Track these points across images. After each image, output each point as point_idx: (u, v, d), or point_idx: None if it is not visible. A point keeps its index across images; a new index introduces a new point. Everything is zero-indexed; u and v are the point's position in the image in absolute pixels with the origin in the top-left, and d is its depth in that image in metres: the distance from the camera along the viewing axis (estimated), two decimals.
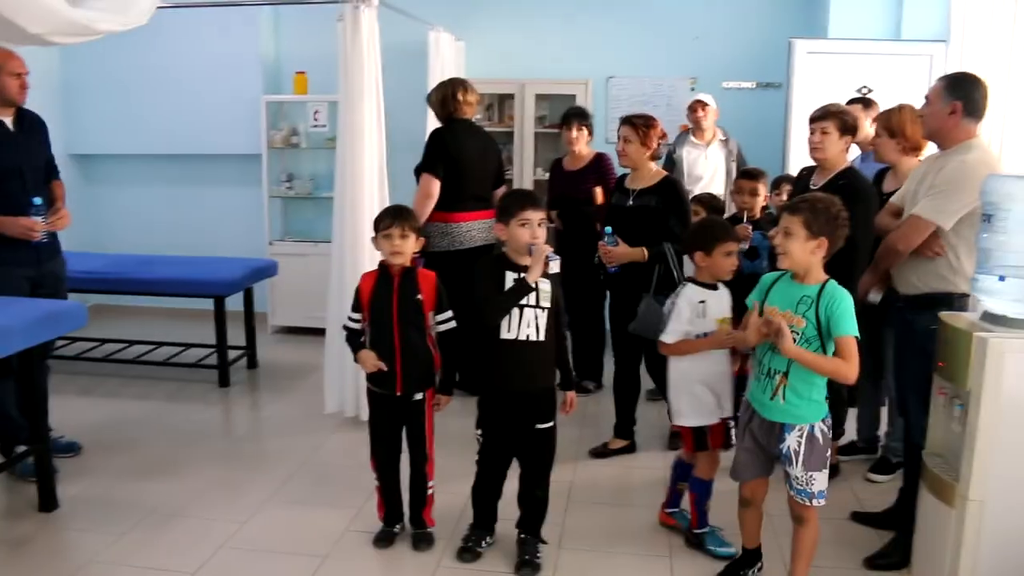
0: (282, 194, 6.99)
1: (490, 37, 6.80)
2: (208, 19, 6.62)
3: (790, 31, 6.09)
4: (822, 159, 3.87)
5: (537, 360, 3.26)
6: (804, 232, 2.81)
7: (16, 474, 4.08)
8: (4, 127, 4.03)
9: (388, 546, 3.51)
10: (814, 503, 2.93)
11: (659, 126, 4.28)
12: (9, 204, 3.98)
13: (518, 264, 3.19)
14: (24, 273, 4.08)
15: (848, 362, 2.77)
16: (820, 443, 2.89)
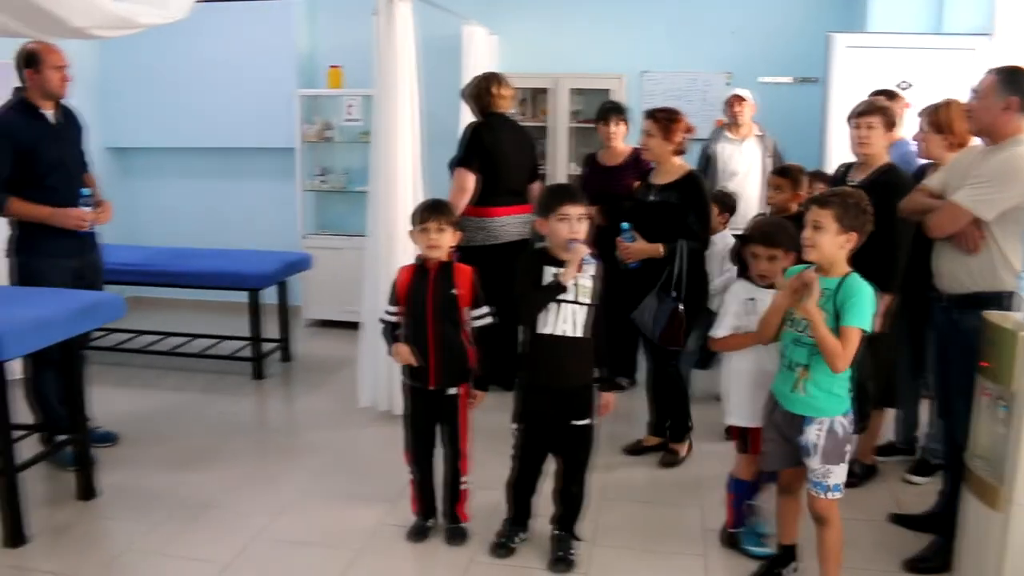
0: (316, 188, 7.02)
1: (524, 31, 6.78)
2: (243, 14, 6.66)
3: (828, 25, 6.01)
4: (868, 154, 3.82)
5: (573, 356, 3.23)
6: (835, 226, 2.79)
7: (57, 463, 4.13)
8: (47, 120, 4.08)
9: (422, 540, 3.52)
10: (829, 496, 2.92)
11: (683, 120, 4.18)
12: (55, 196, 4.04)
13: (558, 259, 3.17)
14: (70, 264, 4.15)
15: (844, 352, 2.77)
16: (840, 437, 2.89)
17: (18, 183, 3.99)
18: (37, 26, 3.11)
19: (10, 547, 3.42)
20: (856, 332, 2.77)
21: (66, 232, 4.08)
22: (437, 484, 3.57)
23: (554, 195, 3.23)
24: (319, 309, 6.95)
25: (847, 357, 2.78)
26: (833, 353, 2.76)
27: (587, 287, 3.17)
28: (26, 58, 3.98)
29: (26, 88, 4.04)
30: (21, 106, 4.04)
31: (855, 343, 2.78)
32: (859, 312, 2.77)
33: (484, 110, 5.03)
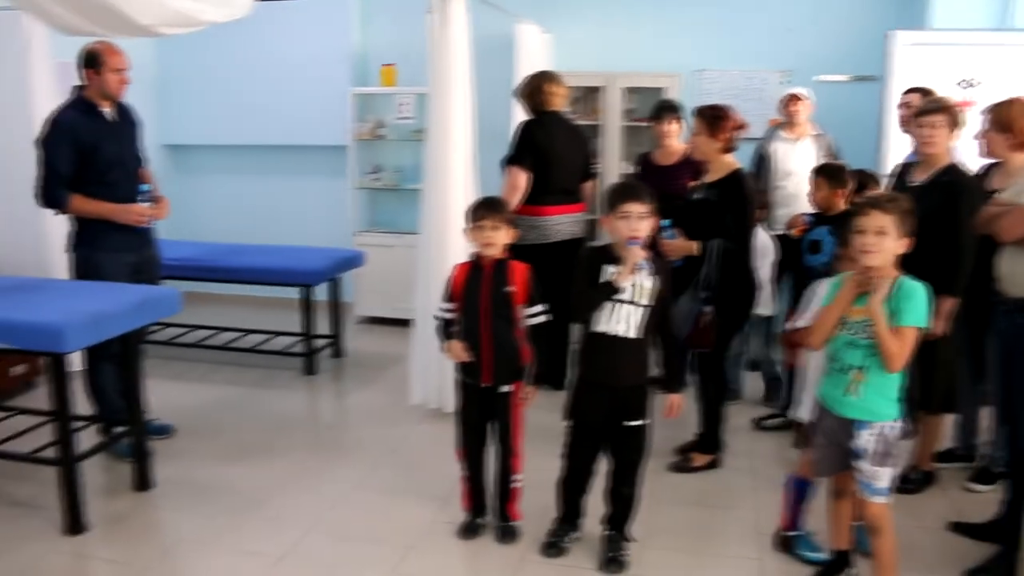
0: (368, 185, 7.06)
1: (578, 29, 6.74)
2: (298, 12, 6.71)
3: (887, 22, 5.90)
4: (933, 154, 3.74)
5: (625, 357, 3.20)
6: (896, 231, 2.77)
7: (114, 454, 4.20)
8: (107, 119, 4.15)
9: (473, 538, 3.51)
10: (878, 499, 2.90)
11: (732, 117, 4.07)
12: (116, 192, 4.12)
13: (619, 258, 3.14)
14: (127, 259, 4.23)
15: (901, 351, 2.76)
16: (891, 441, 2.86)
17: (79, 180, 4.07)
18: (104, 24, 3.17)
19: (70, 535, 3.49)
20: (913, 332, 2.76)
21: (124, 227, 4.15)
22: (488, 482, 3.56)
23: (617, 192, 3.21)
24: (370, 306, 6.99)
25: (906, 358, 2.76)
26: (892, 353, 2.74)
27: (647, 288, 3.13)
28: (88, 58, 4.05)
29: (85, 87, 4.11)
30: (81, 104, 4.11)
31: (912, 343, 2.76)
32: (916, 312, 2.76)
33: (537, 108, 5.01)
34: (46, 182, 4.04)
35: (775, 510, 3.73)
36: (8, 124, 5.17)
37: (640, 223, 3.08)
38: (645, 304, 3.14)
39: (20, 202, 4.17)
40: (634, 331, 3.15)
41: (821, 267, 4.23)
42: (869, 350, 2.81)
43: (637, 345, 3.17)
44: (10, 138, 5.13)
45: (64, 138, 4.00)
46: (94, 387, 4.26)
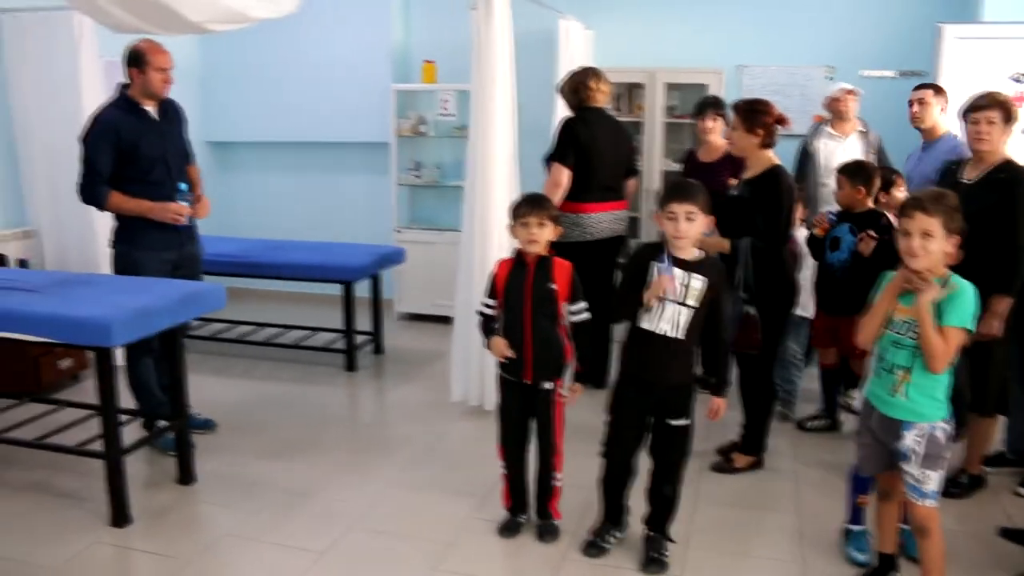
0: (409, 182, 7.07)
1: (620, 25, 6.70)
2: (341, 9, 6.76)
3: (935, 15, 5.79)
4: (987, 151, 3.65)
5: (669, 356, 3.15)
6: (943, 232, 2.71)
7: (157, 448, 4.25)
8: (149, 117, 4.19)
9: (513, 536, 3.50)
10: (926, 503, 2.84)
11: (770, 111, 3.95)
12: (160, 190, 4.16)
13: (669, 255, 3.10)
14: (167, 257, 4.27)
15: (946, 351, 2.71)
16: (941, 443, 2.81)
17: (123, 178, 4.12)
18: (156, 22, 3.20)
19: (115, 527, 3.53)
20: (958, 332, 2.71)
21: (164, 225, 4.19)
22: (529, 480, 3.54)
23: (665, 191, 3.20)
24: (410, 303, 7.01)
25: (949, 358, 2.72)
26: (937, 354, 2.70)
27: (696, 289, 3.07)
28: (132, 57, 4.09)
29: (129, 85, 4.16)
30: (124, 103, 4.15)
31: (957, 343, 2.72)
32: (963, 312, 2.71)
33: (580, 104, 4.97)
34: (85, 179, 4.10)
35: (817, 512, 3.70)
36: (58, 122, 5.25)
37: (687, 224, 3.03)
38: (692, 305, 3.09)
39: (69, 198, 4.23)
40: (680, 332, 3.10)
41: (839, 264, 4.32)
42: (915, 350, 2.77)
43: (682, 345, 3.12)
44: (60, 136, 5.20)
45: (105, 136, 4.05)
46: (135, 382, 4.31)
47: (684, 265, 3.08)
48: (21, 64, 5.35)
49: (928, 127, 4.86)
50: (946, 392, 2.81)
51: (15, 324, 3.46)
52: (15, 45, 5.34)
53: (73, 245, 5.44)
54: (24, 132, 5.43)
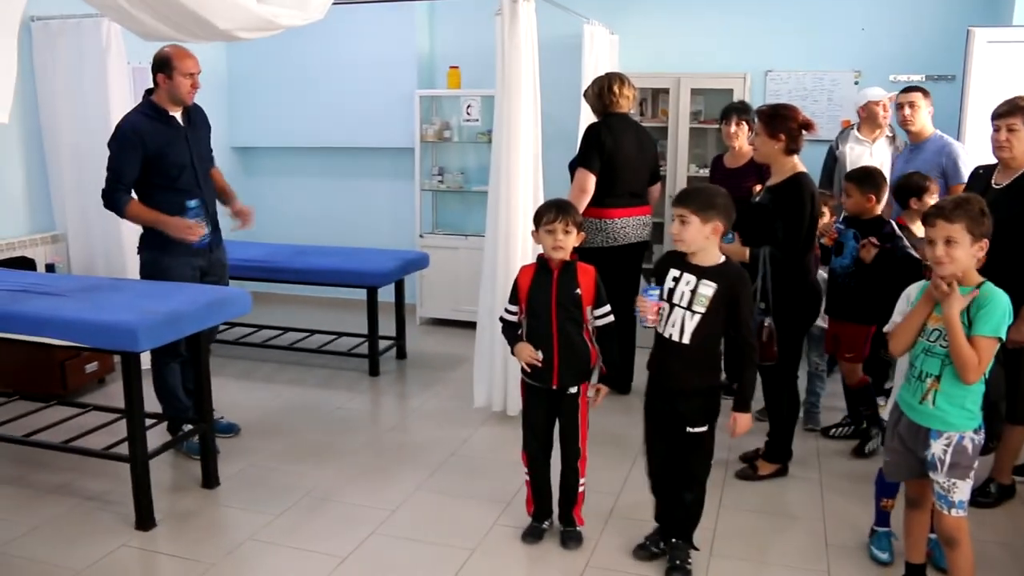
0: (433, 187, 7.08)
1: (645, 30, 6.68)
2: (366, 15, 6.78)
3: (965, 19, 5.71)
4: (1008, 158, 3.60)
5: (677, 361, 3.13)
6: (968, 237, 2.68)
7: (182, 451, 4.27)
8: (176, 123, 4.21)
9: (536, 542, 3.48)
10: (954, 513, 2.80)
11: (795, 116, 3.89)
12: (184, 197, 4.18)
13: (686, 262, 3.09)
14: (196, 263, 4.29)
15: (978, 363, 2.67)
16: (968, 453, 2.76)
17: (150, 184, 4.15)
18: (185, 29, 3.21)
19: (140, 530, 3.55)
20: (989, 342, 2.67)
21: None
22: (553, 486, 3.52)
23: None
24: (434, 308, 7.01)
25: (980, 369, 2.68)
26: (967, 364, 2.66)
27: (705, 296, 3.03)
28: (159, 63, 4.12)
29: (155, 91, 4.19)
30: (150, 109, 4.17)
31: (989, 353, 2.67)
32: (992, 321, 2.66)
33: (606, 110, 4.96)
34: (108, 185, 4.12)
35: (842, 520, 3.67)
36: (86, 128, 5.32)
37: (680, 226, 3.02)
38: (698, 311, 3.04)
39: (96, 204, 4.25)
40: (687, 338, 3.06)
41: (842, 269, 4.27)
42: (945, 359, 2.74)
43: (690, 351, 3.08)
44: (87, 142, 5.27)
45: (130, 143, 4.07)
46: (161, 386, 4.34)
47: (695, 270, 3.06)
48: (50, 70, 5.41)
49: (917, 129, 4.91)
50: (977, 402, 2.77)
51: (43, 328, 3.49)
52: (45, 52, 5.40)
53: (100, 250, 5.49)
54: (52, 138, 5.49)
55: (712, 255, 3.07)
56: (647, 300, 3.10)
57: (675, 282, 3.10)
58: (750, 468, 4.14)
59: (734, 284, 3.05)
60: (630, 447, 4.35)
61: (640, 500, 3.75)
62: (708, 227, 3.01)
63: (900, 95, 5.00)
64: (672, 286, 3.10)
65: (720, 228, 3.03)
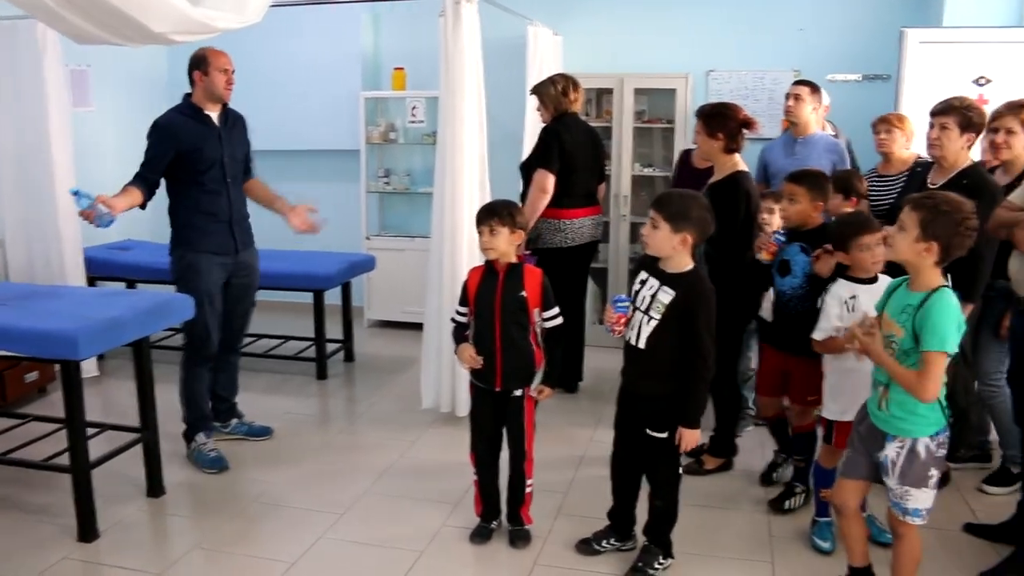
0: (379, 189, 7.06)
1: (589, 31, 6.72)
2: (309, 17, 6.73)
3: (900, 20, 5.84)
4: (939, 157, 3.68)
5: (633, 365, 3.17)
6: (917, 231, 2.61)
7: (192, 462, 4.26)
8: (211, 121, 4.21)
9: (484, 542, 3.50)
10: (907, 519, 2.77)
11: (734, 114, 3.93)
12: (212, 198, 4.21)
13: (654, 267, 3.12)
14: (223, 261, 4.27)
15: (920, 378, 2.59)
16: (921, 459, 2.70)
17: (177, 180, 4.14)
18: (117, 32, 3.16)
19: (83, 542, 3.49)
20: (936, 356, 2.57)
21: (219, 228, 4.22)
22: (501, 486, 3.54)
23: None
24: (381, 310, 6.99)
25: (929, 386, 2.59)
26: (911, 388, 2.62)
27: (662, 303, 3.02)
28: (195, 61, 4.16)
29: (193, 91, 4.22)
30: (187, 108, 4.20)
31: (937, 368, 2.58)
32: (936, 335, 2.57)
33: (563, 109, 4.99)
34: (139, 170, 4.09)
35: (787, 514, 3.73)
36: (24, 131, 5.20)
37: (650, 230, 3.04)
38: (656, 317, 3.04)
39: (35, 208, 4.16)
40: (642, 342, 3.08)
41: (792, 291, 3.64)
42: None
43: (646, 356, 3.08)
44: (26, 145, 5.16)
45: (163, 136, 4.07)
46: (186, 390, 4.36)
47: (660, 276, 3.08)
48: None
49: (801, 123, 4.91)
50: (935, 408, 2.68)
51: None
52: None
53: (39, 257, 5.36)
54: None
55: (678, 263, 3.06)
56: (613, 311, 3.12)
57: (641, 285, 3.13)
58: (696, 463, 4.20)
59: (689, 294, 3.01)
60: (578, 446, 4.39)
61: (588, 498, 3.80)
62: (677, 237, 3.00)
63: (792, 86, 5.03)
64: (638, 288, 3.13)
65: (689, 240, 3.01)
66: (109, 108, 6.58)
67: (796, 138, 5.00)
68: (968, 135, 3.63)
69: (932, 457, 2.71)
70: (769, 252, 3.75)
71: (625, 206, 6.28)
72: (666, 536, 3.29)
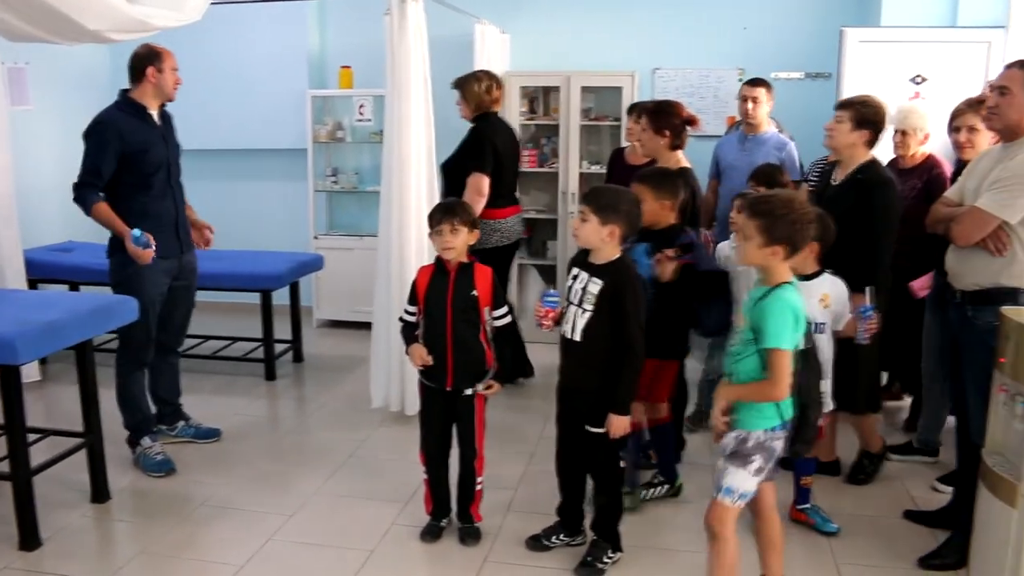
0: (327, 188, 7.02)
1: (535, 29, 6.75)
2: (255, 14, 6.66)
3: (840, 20, 5.97)
4: (830, 147, 3.80)
5: (571, 358, 3.18)
6: (760, 238, 2.62)
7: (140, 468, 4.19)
8: (153, 121, 4.10)
9: (435, 540, 3.50)
10: (718, 497, 2.76)
11: (679, 112, 4.01)
12: (157, 201, 4.10)
13: (586, 261, 3.14)
14: (168, 266, 4.18)
15: (769, 379, 2.61)
16: (748, 445, 2.71)
17: (123, 184, 4.01)
18: (52, 30, 3.12)
19: (24, 550, 3.42)
20: (774, 354, 2.59)
21: (164, 230, 4.09)
22: (451, 484, 3.55)
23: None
24: (330, 310, 6.96)
25: (774, 382, 2.60)
26: (762, 396, 2.66)
27: (593, 294, 3.05)
28: (148, 56, 4.00)
29: (136, 88, 4.07)
30: (128, 106, 4.05)
31: (778, 365, 2.58)
32: (770, 332, 2.59)
33: (482, 109, 5.00)
34: (81, 179, 3.96)
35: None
36: None
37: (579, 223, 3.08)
38: (588, 308, 3.07)
39: None
40: (578, 334, 3.09)
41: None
42: (732, 358, 2.76)
43: (582, 348, 3.10)
44: None
45: (108, 137, 3.92)
46: (124, 395, 4.25)
47: (589, 268, 3.11)
48: None
49: (758, 122, 5.09)
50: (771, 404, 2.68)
51: None
52: None
53: None
54: None
55: (606, 254, 3.08)
56: (541, 305, 3.16)
57: (573, 280, 3.15)
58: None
59: (616, 280, 3.05)
60: (527, 443, 4.42)
61: (537, 494, 3.82)
62: (605, 229, 3.03)
63: (745, 87, 5.16)
64: (571, 284, 3.15)
65: (617, 232, 3.03)
66: (49, 107, 6.44)
67: (748, 135, 5.09)
68: (863, 131, 3.65)
69: (760, 446, 2.72)
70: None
71: (573, 203, 6.32)
72: (614, 530, 3.32)
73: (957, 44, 5.45)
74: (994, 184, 3.08)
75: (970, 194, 3.24)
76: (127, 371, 4.22)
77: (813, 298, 3.30)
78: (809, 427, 2.79)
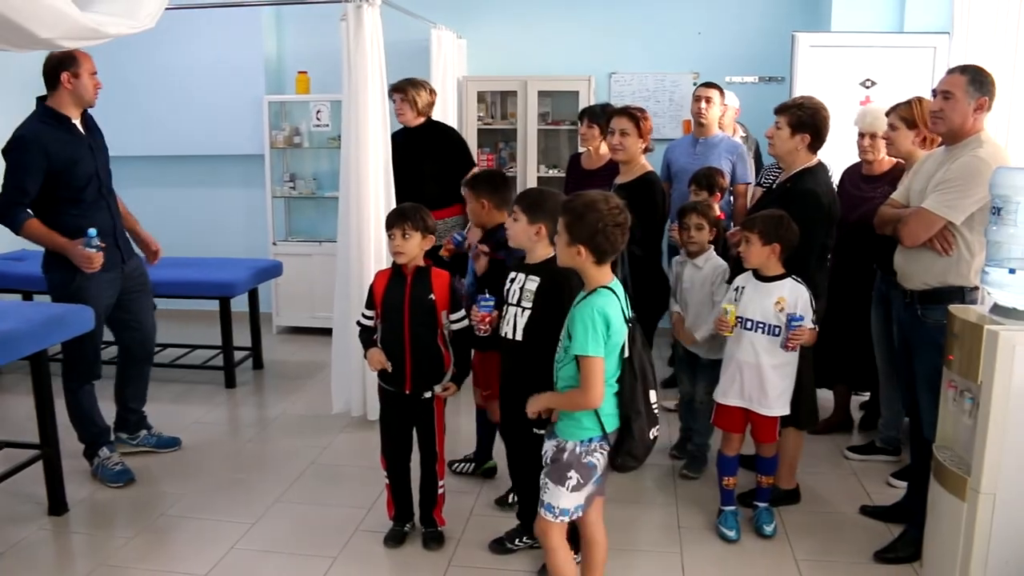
0: (285, 194, 6.99)
1: (492, 34, 6.78)
2: (210, 20, 6.61)
3: (793, 25, 6.08)
4: (772, 154, 3.86)
5: (511, 359, 3.17)
6: (566, 236, 2.65)
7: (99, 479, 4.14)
8: (77, 130, 3.94)
9: (398, 545, 3.51)
10: (541, 512, 2.76)
11: (648, 117, 4.20)
12: (92, 212, 3.95)
13: (523, 263, 3.16)
14: (111, 278, 4.07)
15: (580, 387, 2.63)
16: (564, 459, 2.71)
17: (55, 199, 3.86)
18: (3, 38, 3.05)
19: None
20: (584, 360, 2.59)
21: (106, 247, 3.93)
22: (413, 489, 3.56)
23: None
24: (289, 316, 6.93)
25: (585, 390, 2.61)
26: (577, 405, 2.67)
27: (530, 291, 3.06)
28: (63, 62, 3.82)
29: (53, 96, 3.90)
30: (49, 117, 3.87)
31: (589, 372, 2.59)
32: (577, 339, 2.59)
33: (425, 115, 5.13)
34: (5, 198, 3.81)
35: (693, 503, 3.86)
36: None
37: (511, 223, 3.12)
38: (527, 307, 3.06)
39: None
40: (519, 334, 3.08)
41: (466, 290, 3.73)
42: (556, 365, 2.77)
43: (523, 348, 3.07)
44: None
45: (33, 154, 3.76)
46: (75, 410, 4.16)
47: (524, 268, 3.12)
48: None
49: (708, 122, 5.18)
50: (590, 416, 2.68)
51: None
52: None
53: None
54: None
55: (539, 253, 3.09)
56: (477, 310, 3.19)
57: (511, 283, 3.15)
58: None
59: (552, 276, 3.02)
60: None
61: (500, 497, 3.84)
62: (533, 228, 3.05)
63: (699, 88, 5.28)
64: (508, 287, 3.16)
65: (544, 231, 3.03)
66: None
67: (699, 139, 5.16)
68: (803, 135, 3.65)
69: (576, 460, 2.70)
70: (447, 250, 4.01)
71: None
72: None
73: (904, 49, 5.58)
74: (939, 186, 3.17)
75: (916, 195, 3.33)
76: (76, 386, 4.12)
77: (769, 299, 3.37)
78: (633, 439, 2.69)
